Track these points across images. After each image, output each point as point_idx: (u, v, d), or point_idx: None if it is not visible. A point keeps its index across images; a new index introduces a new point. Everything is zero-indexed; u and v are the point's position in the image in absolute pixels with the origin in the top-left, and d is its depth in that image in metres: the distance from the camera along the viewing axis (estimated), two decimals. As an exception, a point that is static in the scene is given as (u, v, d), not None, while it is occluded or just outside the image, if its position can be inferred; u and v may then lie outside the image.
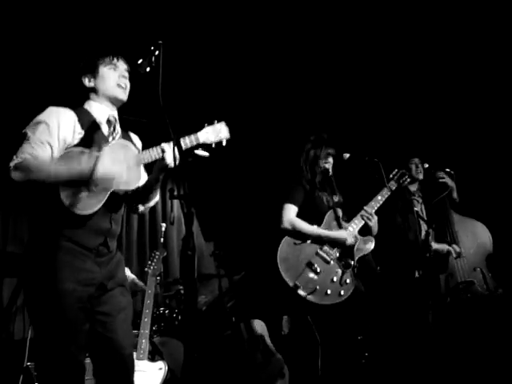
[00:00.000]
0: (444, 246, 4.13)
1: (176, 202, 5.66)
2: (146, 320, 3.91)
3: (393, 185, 3.81)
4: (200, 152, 5.28)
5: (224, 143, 2.65)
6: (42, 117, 2.42)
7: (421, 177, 4.30)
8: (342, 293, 3.50)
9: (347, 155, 3.82)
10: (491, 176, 4.97)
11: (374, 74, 5.12)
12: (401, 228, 4.06)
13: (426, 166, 4.22)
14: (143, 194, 2.63)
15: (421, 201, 4.35)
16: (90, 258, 2.39)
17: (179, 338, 4.28)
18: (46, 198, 2.33)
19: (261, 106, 5.51)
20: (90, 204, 2.33)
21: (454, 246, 4.14)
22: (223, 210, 6.15)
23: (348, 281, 3.53)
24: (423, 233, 4.15)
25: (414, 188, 4.33)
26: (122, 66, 2.61)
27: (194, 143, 2.56)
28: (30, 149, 2.32)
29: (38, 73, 4.62)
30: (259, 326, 4.43)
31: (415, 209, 4.05)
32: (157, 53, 2.33)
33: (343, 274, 3.54)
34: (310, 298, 3.45)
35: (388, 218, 4.02)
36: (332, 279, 3.52)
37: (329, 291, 3.48)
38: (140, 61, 2.37)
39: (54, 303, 2.27)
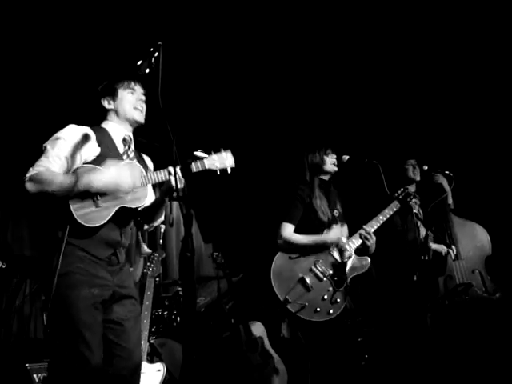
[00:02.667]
0: (443, 247, 4.13)
1: (175, 204, 5.65)
2: (145, 321, 3.91)
3: (395, 205, 3.72)
4: (199, 154, 5.27)
5: (229, 171, 2.75)
6: (61, 133, 2.57)
7: (418, 178, 4.27)
8: (331, 311, 3.47)
9: (346, 157, 3.80)
10: (490, 178, 4.97)
11: (372, 76, 5.14)
12: (399, 229, 4.05)
13: (426, 168, 4.20)
14: (149, 213, 2.78)
15: (418, 202, 4.34)
16: (103, 266, 2.52)
17: (178, 339, 4.28)
18: (58, 211, 2.43)
19: (260, 110, 5.51)
20: (98, 217, 2.45)
21: (453, 247, 4.13)
22: (222, 211, 6.15)
23: (338, 300, 3.49)
24: (422, 234, 4.15)
25: (411, 189, 4.33)
26: (139, 89, 2.75)
27: (200, 169, 2.68)
28: (47, 162, 2.48)
29: (56, 89, 4.69)
30: (258, 327, 4.43)
31: (414, 211, 4.04)
32: (156, 54, 2.34)
33: (334, 292, 3.51)
34: (298, 314, 3.44)
35: (387, 220, 4.01)
36: (323, 297, 3.49)
37: (318, 309, 3.45)
38: (139, 62, 2.38)
39: (71, 306, 2.38)
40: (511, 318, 3.93)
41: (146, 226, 2.86)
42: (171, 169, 2.54)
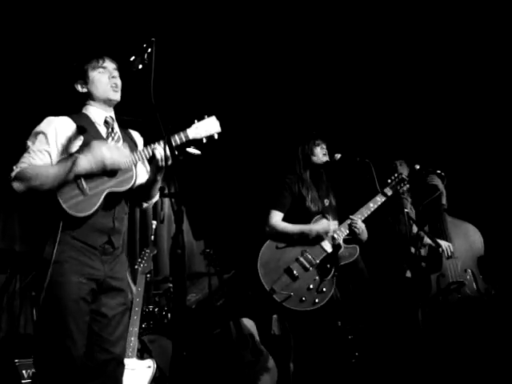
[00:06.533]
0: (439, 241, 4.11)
1: (166, 200, 5.65)
2: (136, 318, 3.91)
3: (388, 191, 3.73)
4: (192, 150, 5.27)
5: (216, 137, 2.65)
6: (40, 127, 2.52)
7: (406, 173, 4.31)
8: (317, 301, 3.45)
9: (338, 156, 3.80)
10: (483, 178, 4.99)
11: (365, 75, 5.14)
12: (392, 228, 4.06)
13: (417, 167, 4.22)
14: (145, 191, 2.71)
15: (410, 200, 4.36)
16: (96, 255, 2.50)
17: (168, 336, 4.28)
18: (47, 204, 2.41)
19: (252, 105, 5.51)
20: (87, 205, 2.42)
21: (449, 244, 4.12)
22: (213, 208, 6.15)
23: (325, 289, 3.47)
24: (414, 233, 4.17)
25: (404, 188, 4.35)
26: (109, 65, 2.66)
27: (184, 140, 2.58)
28: (29, 158, 2.45)
29: (36, 79, 4.66)
30: (248, 324, 4.44)
31: (405, 210, 4.05)
32: (149, 50, 2.33)
33: (321, 282, 3.49)
34: (284, 304, 3.42)
35: (379, 218, 4.02)
36: (309, 286, 3.47)
37: (304, 298, 3.43)
38: (132, 58, 2.37)
39: (59, 294, 2.36)
40: (502, 317, 3.95)
41: (144, 204, 2.80)
42: (155, 145, 2.50)
